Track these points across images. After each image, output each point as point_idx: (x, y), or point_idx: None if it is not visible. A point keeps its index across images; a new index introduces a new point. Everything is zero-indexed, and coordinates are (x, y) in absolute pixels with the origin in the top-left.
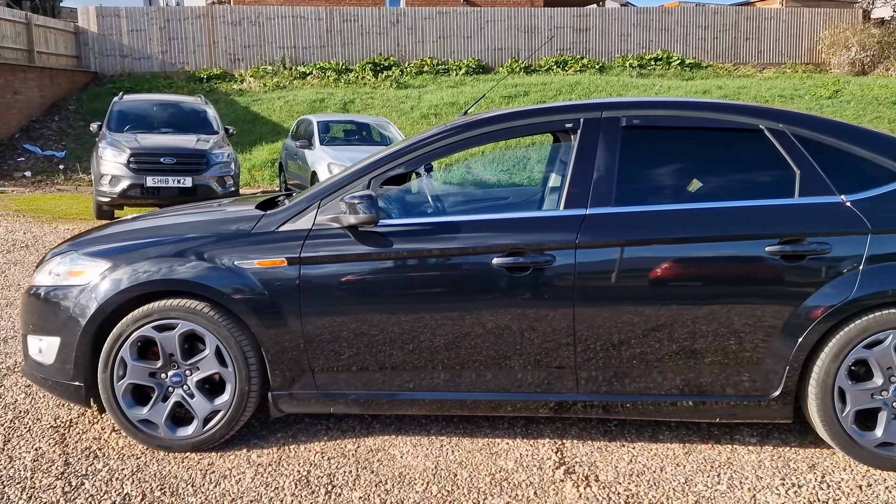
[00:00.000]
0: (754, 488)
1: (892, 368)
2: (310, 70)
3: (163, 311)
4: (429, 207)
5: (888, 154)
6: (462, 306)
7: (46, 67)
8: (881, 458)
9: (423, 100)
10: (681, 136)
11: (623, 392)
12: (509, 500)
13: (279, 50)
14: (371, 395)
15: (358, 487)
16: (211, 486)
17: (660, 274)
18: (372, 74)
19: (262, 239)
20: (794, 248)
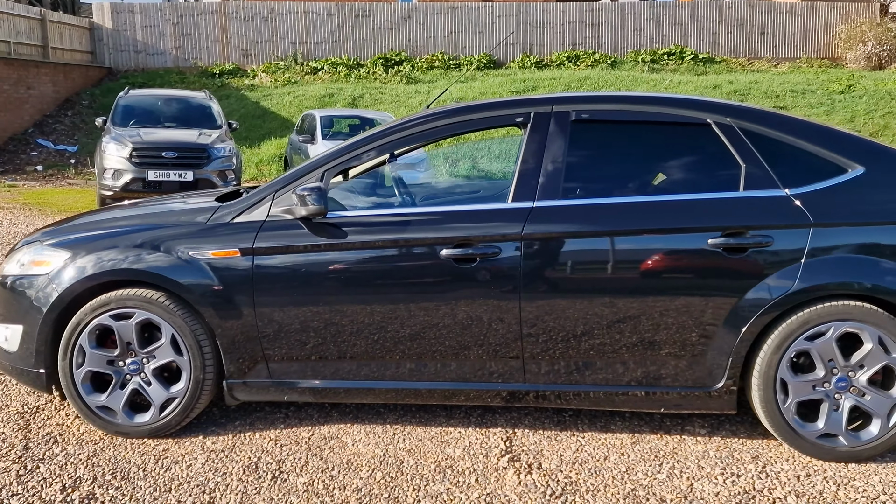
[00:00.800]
0: (693, 477)
1: (834, 360)
2: (321, 65)
3: (119, 301)
4: (384, 199)
5: (834, 148)
6: (412, 297)
7: (60, 63)
8: (822, 449)
9: (432, 95)
10: (629, 130)
11: (570, 382)
12: (450, 486)
13: (291, 45)
14: (324, 384)
15: (304, 473)
16: (161, 470)
17: (604, 266)
18: (383, 70)
19: (216, 230)
20: (736, 240)
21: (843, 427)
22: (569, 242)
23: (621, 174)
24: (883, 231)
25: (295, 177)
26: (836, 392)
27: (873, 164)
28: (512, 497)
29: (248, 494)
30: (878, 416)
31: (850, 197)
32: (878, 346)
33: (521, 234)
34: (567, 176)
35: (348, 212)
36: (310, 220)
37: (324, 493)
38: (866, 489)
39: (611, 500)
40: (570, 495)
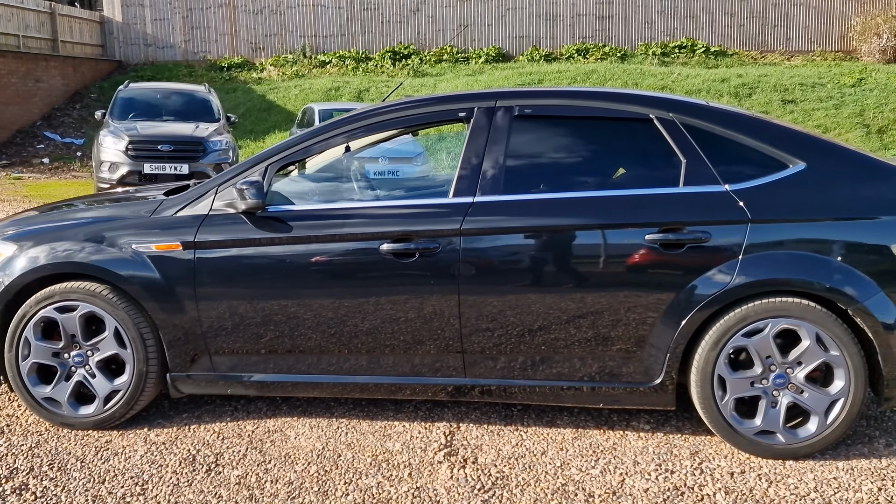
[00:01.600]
0: (627, 473)
1: (772, 357)
2: (329, 59)
3: (64, 293)
4: (335, 194)
5: (777, 144)
6: (353, 292)
7: (70, 56)
8: (760, 446)
9: (437, 88)
10: (572, 125)
11: (510, 377)
12: (382, 479)
13: (300, 39)
14: (267, 378)
15: (240, 466)
16: (99, 462)
17: (543, 261)
18: (391, 63)
19: (160, 224)
20: (673, 236)
21: (781, 424)
22: (507, 238)
23: (563, 170)
24: (822, 227)
25: (239, 170)
26: (774, 389)
27: (815, 160)
28: (440, 491)
29: (179, 487)
30: (815, 414)
31: (790, 193)
32: (815, 343)
33: (459, 229)
34: (508, 171)
35: (292, 206)
36: (252, 214)
37: (255, 486)
38: (798, 486)
39: (539, 494)
40: (498, 490)
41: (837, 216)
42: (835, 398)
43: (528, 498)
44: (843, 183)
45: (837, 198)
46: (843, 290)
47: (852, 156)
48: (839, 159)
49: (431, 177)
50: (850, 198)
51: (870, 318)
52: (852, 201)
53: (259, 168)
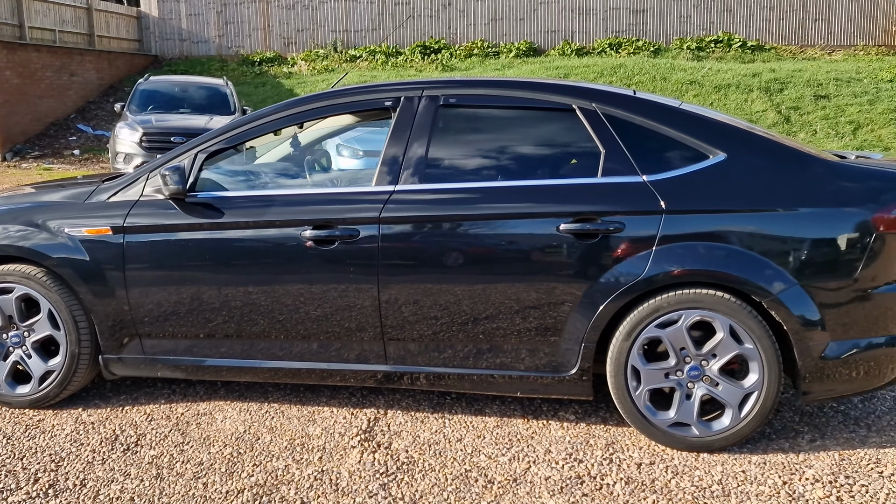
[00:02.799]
0: (535, 461)
1: (686, 349)
2: (360, 53)
3: (1, 276)
4: (259, 180)
5: (698, 135)
6: (278, 278)
7: (105, 51)
8: (674, 438)
9: None
10: (495, 114)
11: (429, 364)
12: (291, 462)
13: (331, 34)
14: (195, 362)
15: (157, 447)
16: (24, 439)
17: (459, 250)
18: (421, 57)
19: (92, 208)
20: (586, 226)
21: (695, 416)
22: (424, 226)
23: (484, 159)
24: (738, 218)
25: (170, 157)
26: (689, 381)
27: (735, 151)
28: (343, 474)
29: (92, 465)
30: (730, 407)
31: (707, 184)
32: (729, 335)
33: (378, 216)
34: (430, 160)
35: (220, 192)
36: (181, 200)
37: (165, 465)
38: (702, 479)
39: (439, 480)
40: (401, 474)
41: (755, 207)
42: (748, 391)
43: (428, 482)
44: (762, 174)
45: (755, 189)
46: (756, 282)
47: (775, 147)
48: (761, 150)
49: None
50: (768, 189)
51: (785, 312)
52: (771, 193)
53: (189, 155)
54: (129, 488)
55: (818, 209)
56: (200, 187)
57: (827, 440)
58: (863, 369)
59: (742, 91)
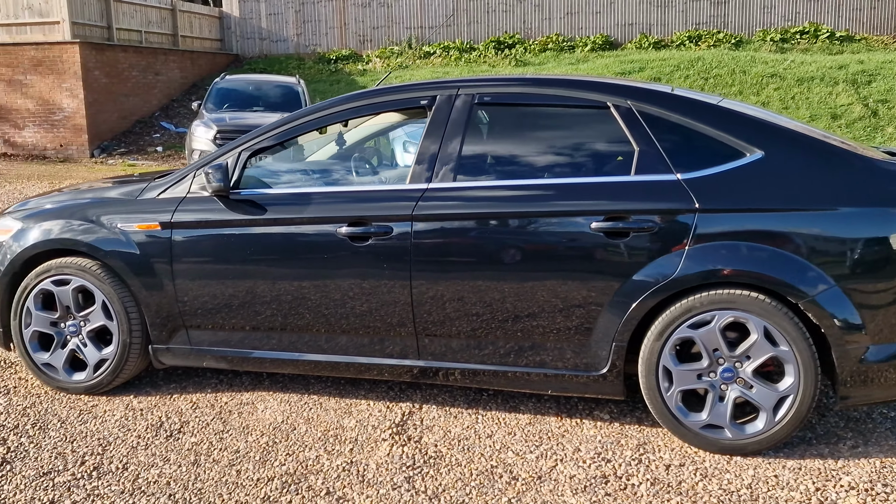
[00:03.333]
0: (562, 459)
1: (720, 350)
2: (433, 49)
3: (59, 268)
4: (303, 177)
5: (735, 132)
6: (315, 273)
7: (188, 50)
8: (706, 440)
9: None
10: (529, 112)
11: (461, 360)
12: (322, 453)
13: (406, 31)
14: (237, 353)
15: (199, 434)
16: (77, 424)
17: (489, 248)
18: (494, 53)
19: (144, 205)
20: (618, 224)
21: (728, 418)
22: (456, 224)
23: (517, 157)
24: (774, 218)
25: (217, 155)
26: (722, 382)
27: (773, 149)
28: (371, 466)
29: (136, 449)
30: (764, 410)
31: (743, 182)
32: (763, 337)
33: (411, 214)
34: (463, 158)
35: (262, 189)
36: (225, 197)
37: (204, 452)
38: (731, 482)
39: (463, 474)
40: (427, 468)
41: (792, 206)
42: (783, 394)
43: (452, 477)
44: (800, 172)
45: (793, 188)
46: (792, 283)
47: (816, 144)
48: (800, 148)
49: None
50: (806, 188)
51: (822, 313)
52: (809, 191)
53: (234, 153)
54: (167, 473)
55: (858, 208)
56: (245, 184)
57: (870, 447)
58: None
59: (827, 84)
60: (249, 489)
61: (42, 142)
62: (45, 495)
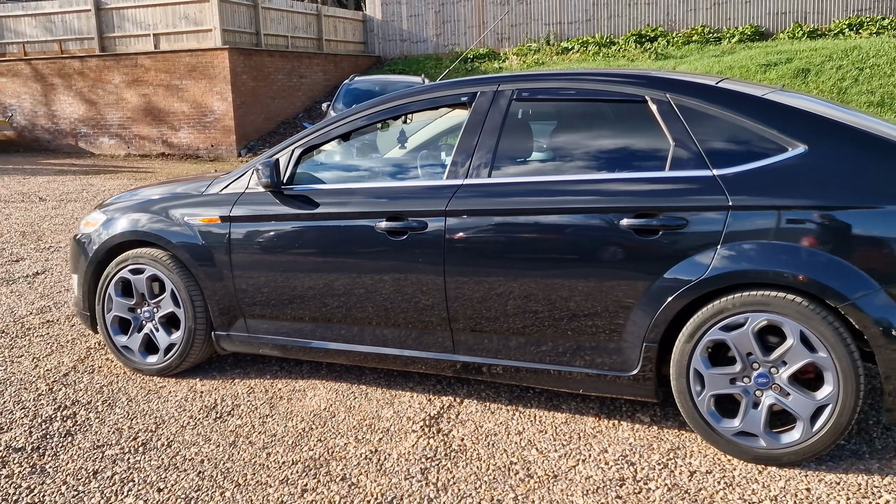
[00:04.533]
0: (585, 459)
1: (754, 355)
2: (572, 45)
3: (135, 258)
4: (351, 173)
5: (777, 126)
6: (358, 266)
7: (331, 53)
8: (739, 448)
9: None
10: (566, 107)
11: (495, 356)
12: (351, 441)
13: (544, 27)
14: (289, 342)
15: (245, 417)
16: (142, 402)
17: (522, 244)
18: (636, 46)
19: (208, 199)
20: (648, 222)
21: (762, 426)
22: (486, 220)
23: (552, 152)
24: (813, 216)
25: (273, 152)
26: (757, 388)
27: (817, 143)
28: (392, 456)
29: (184, 429)
30: (801, 419)
31: (781, 178)
32: (799, 342)
33: (444, 210)
34: (499, 154)
35: (312, 185)
36: (280, 193)
37: (245, 434)
38: (756, 493)
39: (479, 469)
40: (446, 460)
41: (833, 204)
42: (822, 403)
43: (468, 471)
44: (844, 168)
45: (835, 184)
46: (831, 285)
47: (865, 138)
48: (847, 142)
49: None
50: (849, 184)
51: (865, 318)
52: (852, 188)
53: (288, 150)
54: (204, 452)
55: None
56: (299, 180)
57: None
58: None
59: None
60: (272, 471)
61: (195, 142)
62: (91, 465)
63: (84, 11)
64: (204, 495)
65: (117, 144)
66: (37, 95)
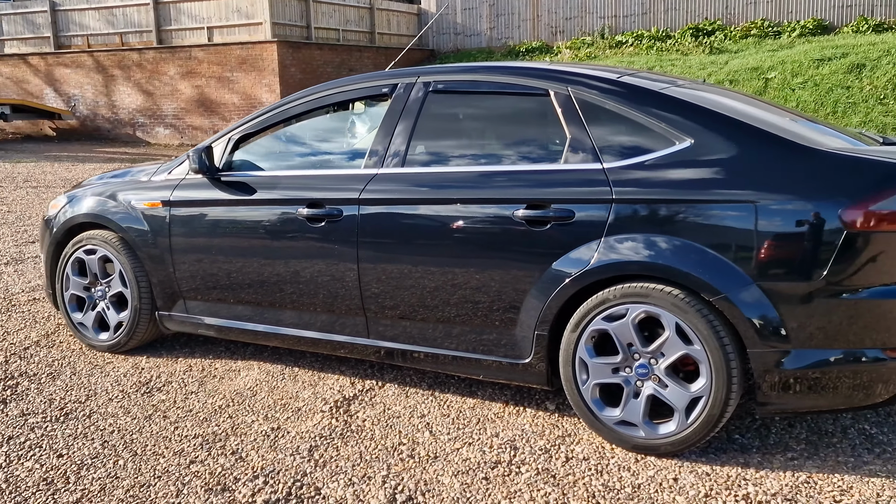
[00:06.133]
0: (470, 443)
1: (635, 346)
2: (626, 39)
3: (88, 239)
4: (281, 161)
5: (669, 120)
6: (281, 251)
7: (383, 47)
8: (619, 437)
9: (726, 66)
10: (477, 100)
11: (405, 342)
12: (259, 419)
13: (599, 20)
14: (222, 323)
15: (171, 394)
16: (84, 377)
17: (428, 233)
18: (692, 39)
19: (154, 184)
20: (538, 213)
21: (641, 416)
22: (397, 209)
23: (461, 144)
24: (691, 209)
25: (211, 140)
26: (638, 379)
27: (703, 138)
28: (290, 433)
29: (111, 402)
30: (677, 410)
31: (663, 172)
32: (675, 333)
33: (358, 198)
34: (413, 145)
35: (247, 172)
36: (216, 179)
37: (164, 409)
38: (621, 480)
39: (366, 448)
40: (338, 440)
41: (712, 198)
42: (696, 395)
43: (354, 450)
44: (726, 163)
45: (715, 178)
46: (704, 278)
47: (753, 133)
48: (733, 137)
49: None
50: (729, 179)
51: (737, 312)
52: (731, 182)
53: (224, 138)
54: (118, 424)
55: (784, 202)
56: (238, 167)
57: (811, 460)
58: (830, 385)
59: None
60: (172, 443)
61: None
62: (9, 431)
63: (143, 5)
64: (98, 462)
65: (171, 134)
66: (98, 86)
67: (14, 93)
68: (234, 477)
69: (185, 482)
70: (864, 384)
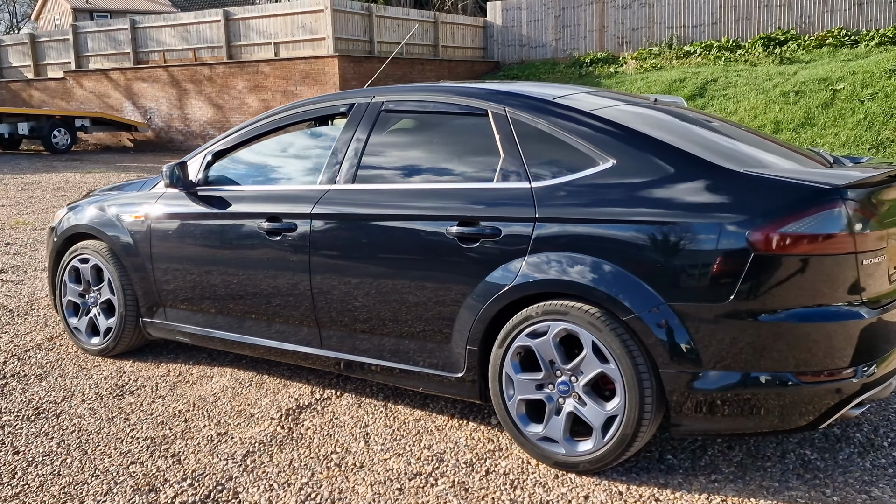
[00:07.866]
0: (400, 454)
1: (556, 363)
2: (694, 49)
3: (82, 249)
4: (250, 176)
5: (594, 140)
6: (246, 263)
7: (446, 59)
8: (542, 453)
9: (794, 77)
10: (424, 120)
11: (353, 353)
12: (208, 423)
13: (667, 31)
14: (197, 331)
15: (140, 398)
16: (69, 378)
17: (373, 248)
18: (763, 49)
19: (141, 198)
20: (468, 230)
21: (562, 433)
22: (344, 224)
23: (406, 162)
24: (607, 229)
25: (189, 156)
26: (560, 396)
27: (624, 158)
28: (234, 439)
29: (83, 403)
30: (594, 429)
31: (584, 192)
32: (592, 352)
33: (310, 213)
34: (362, 162)
35: (221, 186)
36: (193, 194)
37: (128, 412)
38: (531, 496)
39: (298, 456)
40: (274, 446)
41: (629, 218)
42: (611, 414)
43: (285, 458)
44: (643, 183)
45: (633, 199)
46: (617, 297)
47: (672, 154)
48: (648, 157)
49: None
50: (646, 199)
51: (647, 332)
52: (648, 202)
53: (201, 154)
54: (81, 424)
55: (698, 223)
56: (214, 182)
57: (734, 484)
58: (743, 408)
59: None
60: (122, 445)
61: None
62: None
63: (215, 22)
64: (47, 460)
65: None
66: (172, 99)
67: (97, 106)
68: (164, 479)
69: (118, 482)
70: (778, 408)
